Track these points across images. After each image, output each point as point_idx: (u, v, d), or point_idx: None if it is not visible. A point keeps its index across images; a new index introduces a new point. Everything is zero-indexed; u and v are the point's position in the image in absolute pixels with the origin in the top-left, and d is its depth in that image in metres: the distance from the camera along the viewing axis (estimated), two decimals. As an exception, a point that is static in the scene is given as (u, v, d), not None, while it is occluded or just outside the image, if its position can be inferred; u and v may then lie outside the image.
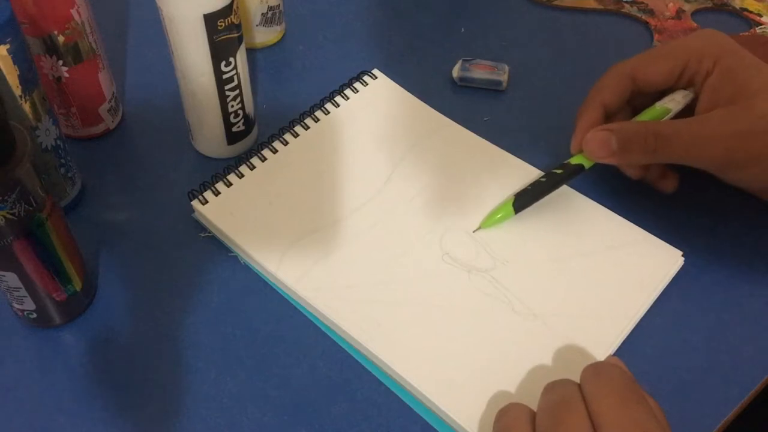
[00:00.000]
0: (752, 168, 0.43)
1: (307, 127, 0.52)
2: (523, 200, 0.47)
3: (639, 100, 0.48)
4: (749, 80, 0.43)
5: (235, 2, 0.45)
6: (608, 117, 0.48)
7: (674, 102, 0.47)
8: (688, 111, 0.47)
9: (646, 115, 0.47)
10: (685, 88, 0.47)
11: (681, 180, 0.49)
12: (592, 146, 0.45)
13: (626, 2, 0.65)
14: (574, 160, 0.47)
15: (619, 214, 0.48)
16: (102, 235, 0.48)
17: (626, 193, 0.50)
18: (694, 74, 0.46)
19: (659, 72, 0.47)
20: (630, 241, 0.47)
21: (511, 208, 0.47)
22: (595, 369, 0.35)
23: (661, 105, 0.47)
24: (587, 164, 0.47)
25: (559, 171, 0.47)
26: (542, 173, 0.50)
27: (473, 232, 0.47)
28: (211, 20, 0.43)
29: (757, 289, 0.46)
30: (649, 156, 0.44)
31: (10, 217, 0.36)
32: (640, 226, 0.47)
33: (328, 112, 0.54)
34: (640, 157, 0.44)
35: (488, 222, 0.47)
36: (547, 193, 0.47)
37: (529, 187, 0.47)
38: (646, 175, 0.48)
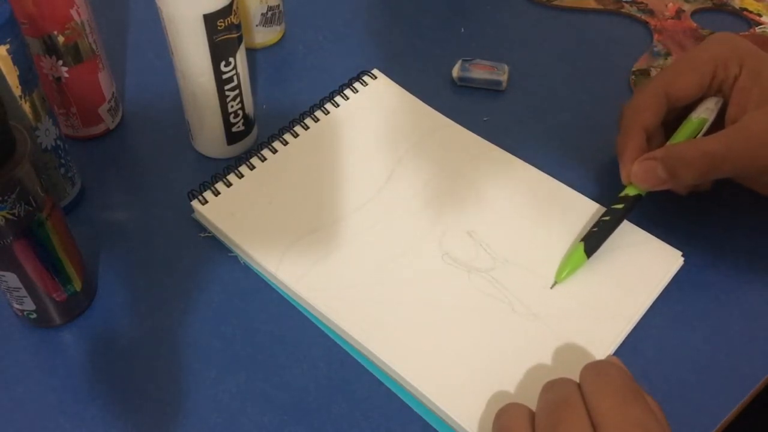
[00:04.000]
0: None
1: (306, 127, 0.52)
2: (593, 243, 0.45)
3: (668, 115, 0.48)
4: None
5: (234, 2, 0.45)
6: (647, 139, 0.47)
7: (708, 111, 0.46)
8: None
9: (686, 129, 0.46)
10: (713, 95, 0.47)
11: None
12: (640, 178, 0.45)
13: (626, 2, 0.65)
14: (630, 191, 0.46)
15: (619, 214, 0.48)
16: (102, 235, 0.48)
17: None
18: (722, 80, 0.46)
19: (691, 85, 0.46)
20: (630, 241, 0.47)
21: (582, 254, 0.45)
22: (594, 368, 0.35)
23: (697, 117, 0.46)
24: (644, 192, 0.46)
25: (619, 206, 0.46)
26: (543, 174, 0.50)
27: (550, 288, 0.45)
28: (210, 20, 0.43)
29: (757, 289, 0.46)
30: (703, 176, 0.43)
31: (10, 217, 0.36)
32: (639, 226, 0.47)
33: (328, 112, 0.54)
34: (693, 179, 0.43)
35: (563, 275, 0.45)
36: (613, 230, 0.46)
37: (595, 229, 0.46)
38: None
